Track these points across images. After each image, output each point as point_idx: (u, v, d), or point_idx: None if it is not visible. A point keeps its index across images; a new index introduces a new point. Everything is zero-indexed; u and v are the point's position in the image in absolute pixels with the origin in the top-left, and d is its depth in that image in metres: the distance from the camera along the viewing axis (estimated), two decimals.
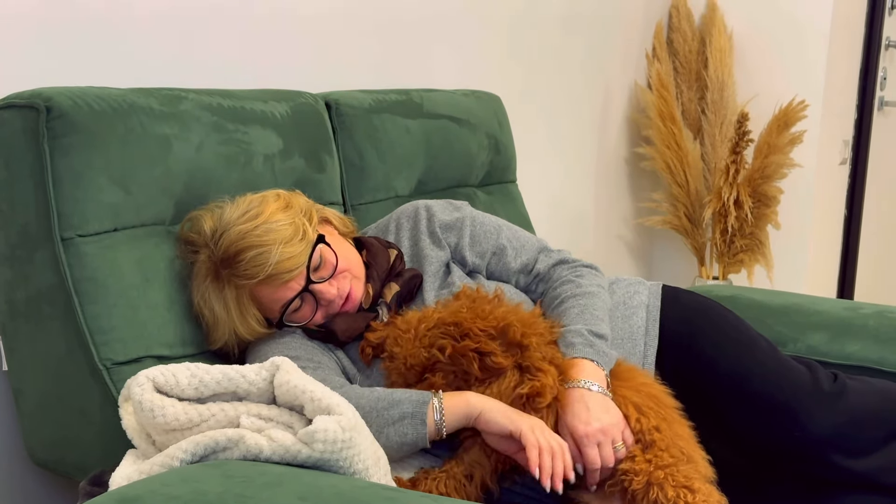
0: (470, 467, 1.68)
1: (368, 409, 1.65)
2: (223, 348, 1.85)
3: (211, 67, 2.24)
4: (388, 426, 1.65)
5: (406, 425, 1.64)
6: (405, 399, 1.66)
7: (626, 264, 4.17)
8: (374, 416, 1.65)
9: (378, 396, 1.68)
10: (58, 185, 1.70)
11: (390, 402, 1.66)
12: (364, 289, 1.90)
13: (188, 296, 1.83)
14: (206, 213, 1.85)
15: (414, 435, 1.65)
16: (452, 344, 1.67)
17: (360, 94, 2.37)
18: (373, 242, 1.99)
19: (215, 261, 1.80)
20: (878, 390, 2.01)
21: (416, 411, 1.65)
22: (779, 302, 2.40)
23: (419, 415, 1.64)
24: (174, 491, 1.25)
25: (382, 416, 1.66)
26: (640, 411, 1.73)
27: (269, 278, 1.79)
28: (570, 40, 3.55)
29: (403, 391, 1.69)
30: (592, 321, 1.85)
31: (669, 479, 1.65)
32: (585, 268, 2.00)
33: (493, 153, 2.68)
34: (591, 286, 1.94)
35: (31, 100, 1.71)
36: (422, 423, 1.64)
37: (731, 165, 3.72)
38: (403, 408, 1.65)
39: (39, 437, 1.88)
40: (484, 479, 1.68)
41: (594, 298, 1.91)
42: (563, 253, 2.05)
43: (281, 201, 1.86)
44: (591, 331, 1.82)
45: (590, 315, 1.86)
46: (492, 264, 2.01)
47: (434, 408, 1.65)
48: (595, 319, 1.86)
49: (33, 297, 1.77)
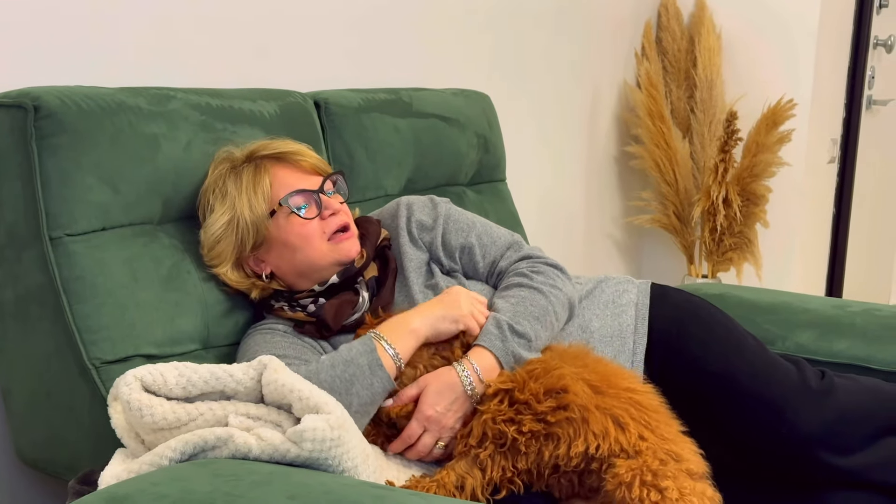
0: (461, 478, 1.68)
1: (330, 380, 1.69)
2: (212, 256, 1.89)
3: (199, 67, 2.23)
4: (353, 385, 1.70)
5: (367, 377, 1.71)
6: (355, 353, 1.73)
7: (615, 263, 4.17)
8: (338, 382, 1.70)
9: (332, 363, 1.72)
10: (46, 185, 1.70)
11: (344, 363, 1.72)
12: (360, 247, 1.93)
13: (177, 294, 1.83)
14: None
15: (380, 383, 1.72)
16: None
17: (350, 94, 2.37)
18: (365, 217, 2.04)
19: (244, 153, 1.92)
20: (866, 388, 2.02)
21: (370, 361, 1.71)
22: (767, 300, 2.41)
23: (374, 362, 1.71)
24: (163, 490, 1.25)
25: (343, 378, 1.70)
26: (620, 425, 1.71)
27: (294, 154, 1.93)
28: (560, 39, 3.56)
29: (347, 347, 1.75)
30: (521, 316, 1.84)
31: (637, 479, 1.65)
32: (549, 266, 1.97)
33: (482, 152, 2.68)
34: (542, 284, 1.91)
35: (19, 99, 1.71)
36: (380, 367, 1.72)
37: (720, 164, 3.73)
38: (359, 361, 1.72)
39: (28, 436, 1.88)
40: (475, 490, 1.68)
41: (537, 295, 1.89)
42: (533, 250, 2.02)
43: None
44: (511, 326, 1.81)
45: (522, 309, 1.85)
46: (463, 263, 2.01)
47: (384, 350, 1.73)
48: (525, 315, 1.84)
49: (22, 296, 1.77)
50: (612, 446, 1.69)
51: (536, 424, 1.69)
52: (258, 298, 1.93)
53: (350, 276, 1.91)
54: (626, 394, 1.76)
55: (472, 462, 1.70)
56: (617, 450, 1.69)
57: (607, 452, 1.69)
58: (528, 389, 1.71)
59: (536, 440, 1.70)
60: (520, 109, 3.34)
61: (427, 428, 1.74)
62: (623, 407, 1.73)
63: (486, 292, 1.96)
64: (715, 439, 1.82)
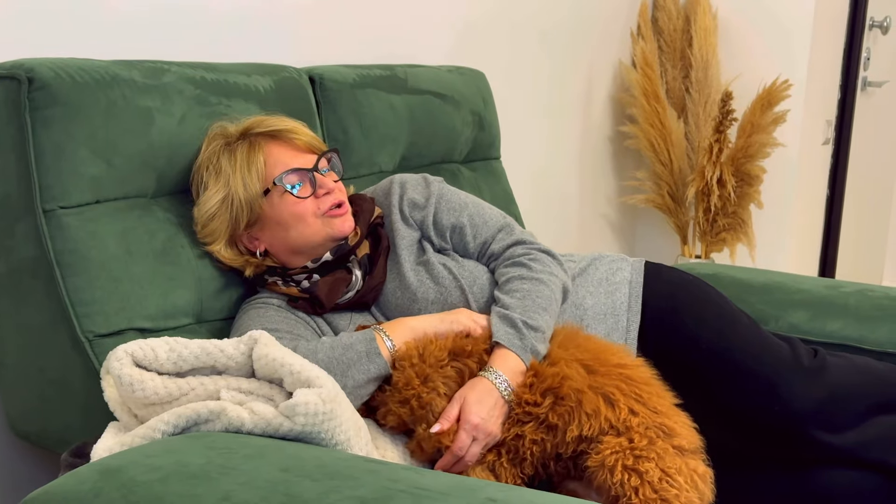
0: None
1: (327, 360, 1.71)
2: (206, 233, 1.89)
3: (194, 40, 2.22)
4: (350, 368, 1.72)
5: (364, 362, 1.73)
6: (355, 341, 1.75)
7: (608, 242, 4.18)
8: (335, 363, 1.72)
9: (331, 345, 1.75)
10: (39, 157, 1.69)
11: (344, 347, 1.74)
12: (354, 224, 1.94)
13: (171, 268, 1.83)
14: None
15: (376, 369, 1.74)
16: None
17: (345, 69, 2.36)
18: (359, 194, 2.04)
19: (238, 129, 1.92)
20: (858, 366, 2.02)
21: (369, 349, 1.74)
22: (761, 280, 2.41)
23: (373, 350, 1.74)
24: (157, 462, 1.25)
25: (341, 360, 1.72)
26: (610, 402, 1.72)
27: (289, 132, 1.93)
28: (555, 18, 3.55)
29: (348, 334, 1.78)
30: (531, 310, 1.84)
31: (619, 464, 1.66)
32: (543, 252, 1.97)
33: (477, 129, 2.68)
34: (541, 273, 1.91)
35: (13, 71, 1.70)
36: (378, 355, 1.74)
37: (715, 144, 3.73)
38: (357, 348, 1.74)
39: (21, 409, 1.88)
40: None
41: (540, 285, 1.89)
42: (525, 234, 2.02)
43: None
44: (525, 322, 1.82)
45: (531, 303, 1.85)
46: (454, 242, 2.01)
47: (383, 340, 1.76)
48: (535, 308, 1.84)
49: (14, 269, 1.76)
50: (602, 424, 1.70)
51: (538, 432, 1.72)
52: (252, 276, 1.93)
53: (344, 253, 1.91)
54: (617, 370, 1.77)
55: (487, 470, 1.73)
56: (606, 427, 1.70)
57: (597, 431, 1.70)
58: (525, 401, 1.74)
59: (540, 445, 1.72)
60: (515, 88, 3.33)
61: (475, 437, 1.73)
62: (614, 384, 1.74)
63: (479, 270, 1.96)
64: (708, 417, 1.83)
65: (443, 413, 1.73)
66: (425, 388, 1.73)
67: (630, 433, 1.68)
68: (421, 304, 1.91)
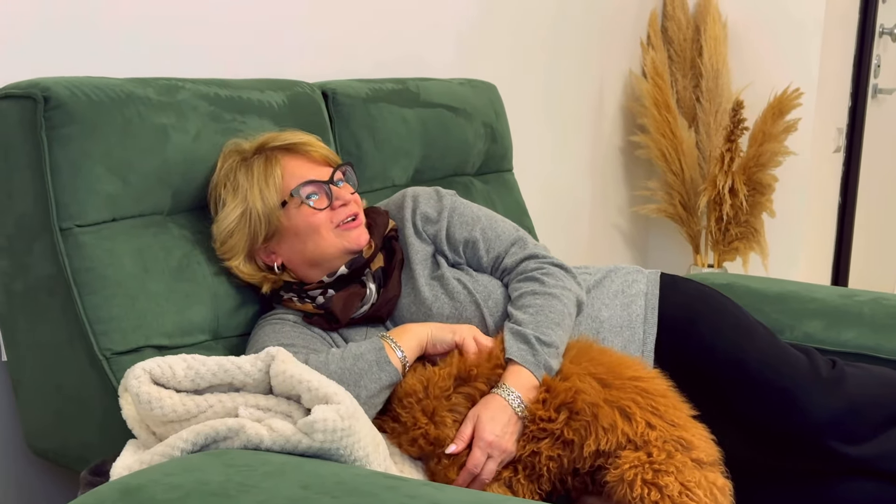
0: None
1: (339, 371, 1.73)
2: (224, 249, 1.89)
3: (208, 57, 2.23)
4: (362, 377, 1.73)
5: (375, 371, 1.74)
6: (364, 351, 1.76)
7: (621, 253, 4.17)
8: (347, 374, 1.73)
9: (342, 356, 1.76)
10: (56, 176, 1.70)
11: (354, 357, 1.75)
12: (369, 237, 1.94)
13: (187, 285, 1.83)
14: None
15: (388, 377, 1.75)
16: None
17: (357, 84, 2.37)
18: (373, 207, 2.05)
19: (253, 145, 1.93)
20: (876, 377, 2.02)
21: (379, 358, 1.75)
22: (775, 290, 2.41)
23: (383, 359, 1.75)
24: (176, 480, 1.25)
25: (353, 371, 1.73)
26: (626, 416, 1.72)
27: (304, 145, 1.94)
28: (566, 29, 3.55)
29: (356, 345, 1.80)
30: (544, 326, 1.84)
31: (638, 478, 1.66)
32: (556, 266, 1.97)
33: (489, 142, 2.68)
34: (554, 287, 1.91)
35: (29, 90, 1.71)
36: (388, 363, 1.75)
37: (726, 153, 3.72)
38: (367, 357, 1.75)
39: (38, 426, 1.89)
40: None
41: (553, 300, 1.89)
42: (538, 247, 2.01)
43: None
44: (538, 337, 1.82)
45: (544, 318, 1.85)
46: (467, 257, 2.01)
47: (392, 350, 1.77)
48: (548, 323, 1.85)
49: (32, 287, 1.77)
50: (620, 438, 1.70)
51: (554, 449, 1.72)
52: (268, 292, 1.93)
53: (358, 266, 1.92)
54: (632, 383, 1.76)
55: (502, 486, 1.73)
56: (624, 441, 1.70)
57: (615, 445, 1.70)
58: (539, 417, 1.74)
59: (557, 461, 1.72)
60: (526, 99, 3.34)
61: (490, 454, 1.73)
62: (630, 397, 1.73)
63: (493, 284, 1.96)
64: (725, 428, 1.83)
65: (457, 433, 1.74)
66: (432, 425, 1.73)
67: (648, 447, 1.68)
68: (436, 319, 1.91)
